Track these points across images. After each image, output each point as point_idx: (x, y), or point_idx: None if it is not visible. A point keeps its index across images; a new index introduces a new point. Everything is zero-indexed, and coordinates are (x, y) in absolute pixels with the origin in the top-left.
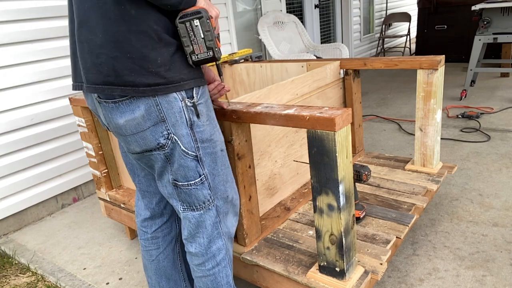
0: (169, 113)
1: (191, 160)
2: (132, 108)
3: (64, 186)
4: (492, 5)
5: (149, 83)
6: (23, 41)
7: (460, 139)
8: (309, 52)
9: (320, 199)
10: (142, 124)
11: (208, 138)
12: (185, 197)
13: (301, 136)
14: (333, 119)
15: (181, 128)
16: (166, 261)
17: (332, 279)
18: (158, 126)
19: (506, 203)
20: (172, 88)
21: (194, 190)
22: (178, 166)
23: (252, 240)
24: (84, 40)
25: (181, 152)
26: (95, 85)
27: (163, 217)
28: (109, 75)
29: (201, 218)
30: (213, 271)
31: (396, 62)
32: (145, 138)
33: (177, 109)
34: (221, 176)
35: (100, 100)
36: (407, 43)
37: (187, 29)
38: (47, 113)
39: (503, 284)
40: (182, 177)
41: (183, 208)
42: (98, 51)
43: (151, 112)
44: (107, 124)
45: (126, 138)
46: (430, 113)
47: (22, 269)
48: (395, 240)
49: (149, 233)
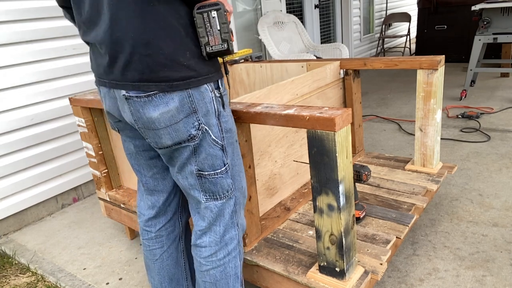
0: (200, 104)
1: (219, 150)
2: (166, 101)
3: (64, 186)
4: (492, 5)
5: (182, 76)
6: (24, 41)
7: (460, 139)
8: (309, 52)
9: (320, 199)
10: (176, 116)
11: (230, 128)
12: (209, 187)
13: (301, 136)
14: (333, 119)
15: (212, 118)
16: (169, 260)
17: (332, 279)
18: (190, 117)
19: (506, 203)
20: (202, 80)
21: (220, 179)
22: (206, 155)
23: (252, 240)
24: (115, 40)
25: (211, 141)
26: (132, 82)
27: (167, 215)
28: (143, 72)
29: (222, 207)
30: (223, 260)
31: (396, 62)
32: (177, 130)
33: (208, 99)
34: (237, 166)
35: (130, 96)
36: (407, 43)
37: (204, 20)
38: (47, 113)
39: (503, 284)
40: (209, 166)
41: (206, 198)
42: (130, 50)
43: (184, 103)
44: (135, 120)
45: (157, 132)
46: (430, 113)
47: (22, 269)
48: (395, 240)
49: (153, 232)
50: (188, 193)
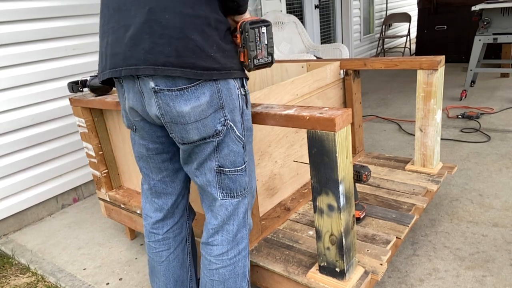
0: (227, 100)
1: (241, 147)
2: (197, 95)
3: (64, 186)
4: (492, 5)
5: (207, 66)
6: (24, 41)
7: (460, 140)
8: (309, 52)
9: (320, 200)
10: (206, 111)
11: (250, 127)
12: (228, 183)
13: (301, 137)
14: (333, 119)
15: (237, 114)
16: (175, 262)
17: (332, 279)
18: (218, 113)
19: (506, 203)
20: (225, 74)
21: (239, 176)
22: (229, 151)
23: (252, 240)
24: (144, 21)
25: (235, 137)
26: (155, 66)
27: (174, 217)
28: (170, 55)
29: (237, 205)
30: (234, 259)
31: (396, 63)
32: (206, 125)
33: (235, 96)
34: (251, 166)
35: (160, 89)
36: (407, 44)
37: (255, 35)
38: (48, 113)
39: (503, 285)
40: (230, 163)
41: (223, 195)
42: (161, 32)
43: (214, 98)
44: (162, 115)
45: (185, 127)
46: (430, 114)
47: (22, 269)
48: (395, 241)
49: (160, 235)
50: (204, 189)
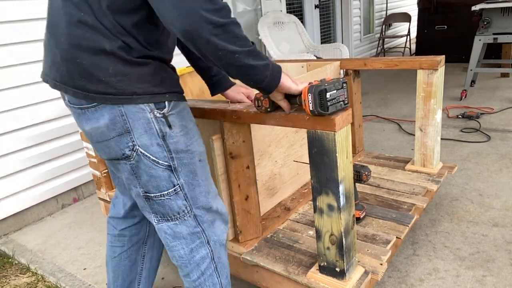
0: (135, 124)
1: (163, 170)
2: (97, 116)
3: (64, 186)
4: (492, 5)
5: (98, 90)
6: (24, 41)
7: (460, 139)
8: (309, 52)
9: (320, 199)
10: (106, 134)
11: (183, 149)
12: (158, 208)
13: (301, 136)
14: (333, 119)
15: (150, 139)
16: (127, 261)
17: (332, 279)
18: (123, 137)
19: (506, 203)
20: (124, 99)
21: (167, 200)
22: (149, 177)
23: (252, 240)
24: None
25: (150, 162)
26: (55, 81)
27: (135, 218)
28: (63, 75)
29: (177, 228)
30: (198, 281)
31: (396, 62)
32: (109, 147)
33: (144, 120)
34: (202, 187)
35: (69, 104)
36: (407, 43)
37: None
38: (48, 113)
39: (503, 284)
40: (154, 188)
41: (157, 219)
42: (55, 51)
43: (116, 122)
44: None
45: (93, 144)
46: (430, 113)
47: (22, 269)
48: (395, 240)
49: (117, 230)
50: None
